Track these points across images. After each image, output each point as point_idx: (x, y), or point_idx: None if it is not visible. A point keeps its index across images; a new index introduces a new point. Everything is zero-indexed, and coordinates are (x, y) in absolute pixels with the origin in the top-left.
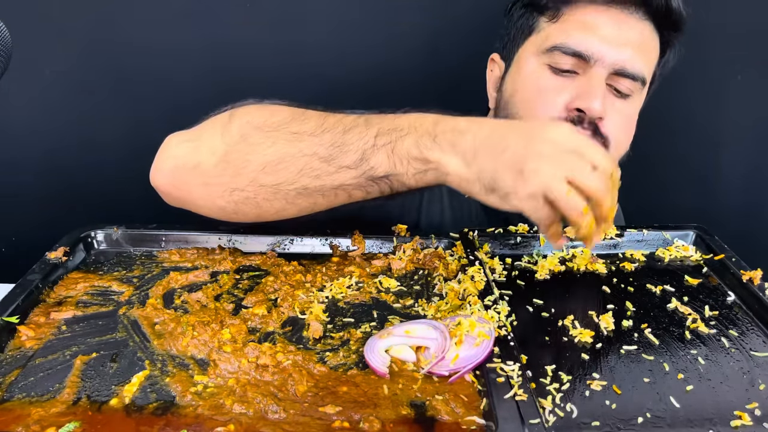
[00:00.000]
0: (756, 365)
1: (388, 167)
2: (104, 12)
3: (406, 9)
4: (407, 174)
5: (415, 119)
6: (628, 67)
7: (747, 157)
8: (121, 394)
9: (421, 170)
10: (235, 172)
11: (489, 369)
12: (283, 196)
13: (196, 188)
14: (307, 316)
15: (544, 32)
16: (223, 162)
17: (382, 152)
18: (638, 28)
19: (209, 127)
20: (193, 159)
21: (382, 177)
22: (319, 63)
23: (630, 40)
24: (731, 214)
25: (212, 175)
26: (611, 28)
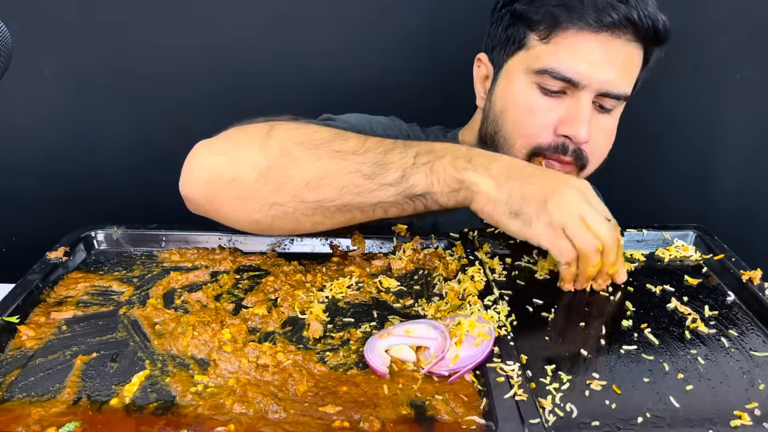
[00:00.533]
0: (756, 365)
1: (426, 186)
2: (104, 12)
3: (406, 10)
4: (442, 192)
5: (450, 145)
6: (612, 89)
7: (747, 156)
8: (122, 394)
9: (455, 189)
10: (277, 187)
11: (489, 369)
12: (323, 211)
13: (230, 201)
14: (307, 316)
15: (534, 51)
16: (264, 177)
17: (421, 171)
18: (625, 49)
19: (245, 140)
20: (231, 172)
21: (419, 195)
22: (319, 63)
23: (616, 63)
24: (731, 214)
25: (251, 189)
26: (599, 53)
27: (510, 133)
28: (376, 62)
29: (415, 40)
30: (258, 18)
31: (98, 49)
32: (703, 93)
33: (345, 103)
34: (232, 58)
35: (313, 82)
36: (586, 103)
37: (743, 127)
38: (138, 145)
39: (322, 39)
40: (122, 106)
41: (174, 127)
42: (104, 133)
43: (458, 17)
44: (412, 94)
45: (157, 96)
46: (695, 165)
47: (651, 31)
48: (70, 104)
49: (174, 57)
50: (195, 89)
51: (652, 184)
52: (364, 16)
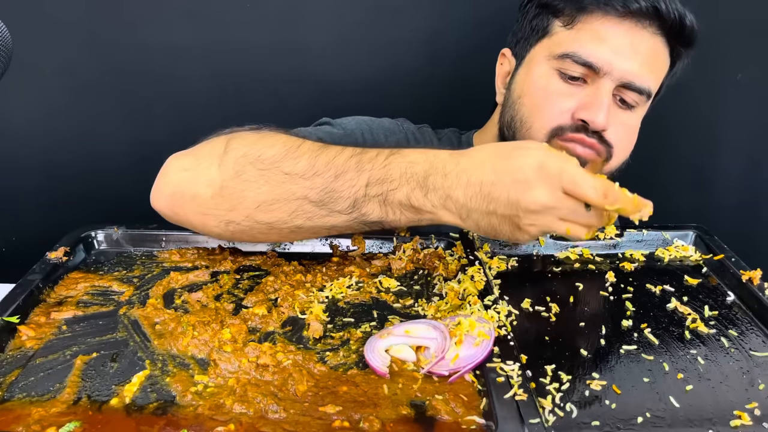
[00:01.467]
0: (756, 365)
1: (381, 215)
2: (104, 12)
3: (406, 11)
4: (400, 221)
5: (405, 167)
6: (636, 80)
7: (747, 156)
8: (122, 393)
9: (416, 219)
10: (231, 206)
11: (489, 369)
12: (277, 231)
13: (193, 216)
14: (307, 316)
15: (557, 37)
16: (219, 196)
17: (374, 202)
18: (650, 42)
19: (207, 155)
20: (191, 189)
21: (375, 222)
22: (319, 63)
23: (640, 54)
24: (731, 214)
25: (209, 206)
26: (623, 41)
27: (527, 115)
28: (376, 62)
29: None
30: (258, 18)
31: (98, 49)
32: (703, 93)
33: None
34: (232, 58)
35: (313, 83)
36: (606, 90)
37: (743, 127)
38: (138, 145)
39: (323, 39)
40: (122, 107)
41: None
42: (104, 134)
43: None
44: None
45: (157, 96)
46: (695, 165)
47: (677, 25)
48: (70, 104)
49: (174, 57)
50: (195, 89)
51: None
52: (365, 16)
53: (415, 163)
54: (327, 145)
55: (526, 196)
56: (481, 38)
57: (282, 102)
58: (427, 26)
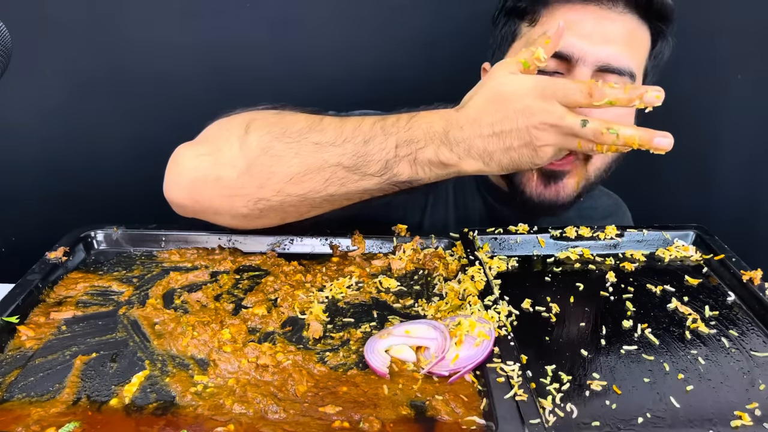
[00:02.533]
0: (756, 365)
1: (411, 174)
2: (104, 12)
3: (405, 10)
4: (429, 177)
5: (427, 127)
6: (612, 62)
7: (747, 156)
8: (121, 394)
9: (444, 173)
10: (261, 183)
11: (489, 369)
12: (310, 202)
13: (218, 200)
14: (307, 316)
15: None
16: (247, 175)
17: (405, 162)
18: (620, 21)
19: (225, 138)
20: (213, 173)
21: (405, 181)
22: (319, 63)
23: (612, 36)
24: (731, 214)
25: (236, 187)
26: (590, 25)
27: None
28: (376, 61)
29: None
30: (258, 17)
31: (98, 48)
32: (703, 93)
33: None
34: (232, 58)
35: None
36: (583, 77)
37: (744, 126)
38: (138, 145)
39: (323, 39)
40: (122, 106)
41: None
42: (104, 134)
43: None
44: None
45: (157, 96)
46: (695, 165)
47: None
48: (69, 104)
49: (174, 57)
50: (195, 89)
51: (652, 184)
52: (364, 16)
53: (433, 123)
54: (347, 117)
55: (533, 120)
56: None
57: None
58: (427, 26)
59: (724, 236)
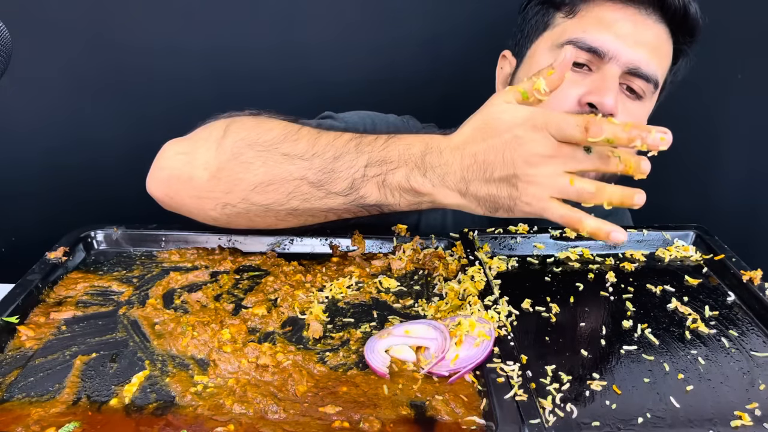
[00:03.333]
0: (756, 365)
1: (379, 197)
2: (104, 12)
3: (407, 11)
4: (400, 204)
5: (403, 149)
6: (642, 67)
7: (747, 156)
8: (121, 394)
9: (415, 201)
10: (227, 189)
11: (489, 369)
12: (274, 214)
13: (188, 199)
14: (307, 316)
15: (560, 27)
16: (215, 178)
17: (372, 183)
18: (654, 30)
19: (204, 139)
20: (187, 172)
21: (373, 205)
22: (320, 65)
23: (645, 41)
24: (731, 214)
25: (205, 189)
26: (627, 27)
27: None
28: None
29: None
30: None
31: (98, 48)
32: (703, 93)
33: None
34: (232, 59)
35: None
36: (613, 74)
37: (744, 126)
38: (138, 145)
39: (323, 41)
40: (122, 107)
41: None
42: (104, 134)
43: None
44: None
45: (157, 96)
46: (695, 165)
47: (680, 13)
48: (70, 105)
49: (174, 56)
50: (194, 90)
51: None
52: (365, 18)
53: (411, 145)
54: (326, 130)
55: (521, 151)
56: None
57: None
58: (427, 25)
59: (725, 236)
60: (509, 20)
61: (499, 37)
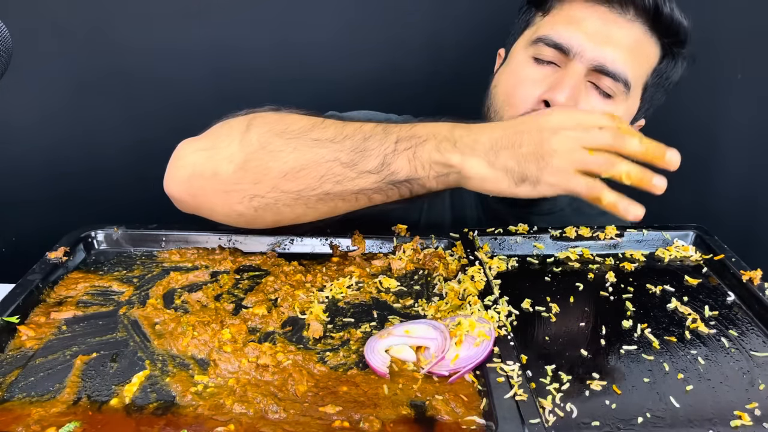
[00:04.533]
0: (756, 365)
1: (409, 171)
2: (104, 12)
3: (408, 10)
4: (428, 177)
5: (432, 127)
6: (608, 65)
7: (747, 156)
8: (122, 394)
9: (443, 173)
10: (255, 179)
11: (489, 369)
12: (304, 201)
13: (214, 195)
14: (307, 316)
15: (536, 25)
16: (242, 170)
17: (403, 157)
18: (627, 28)
19: (226, 134)
20: (210, 167)
21: (403, 181)
22: (320, 63)
23: (615, 40)
24: (731, 214)
25: (231, 182)
26: (596, 24)
27: (500, 105)
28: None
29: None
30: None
31: (98, 49)
32: (703, 93)
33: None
34: (234, 59)
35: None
36: (574, 71)
37: (744, 126)
38: (138, 145)
39: (324, 39)
40: (122, 107)
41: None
42: (104, 134)
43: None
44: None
45: (157, 96)
46: (695, 165)
47: (651, 9)
48: (69, 105)
49: (175, 57)
50: (195, 89)
51: None
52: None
53: (439, 126)
54: (349, 121)
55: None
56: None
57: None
58: (427, 25)
59: (724, 236)
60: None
61: (498, 36)
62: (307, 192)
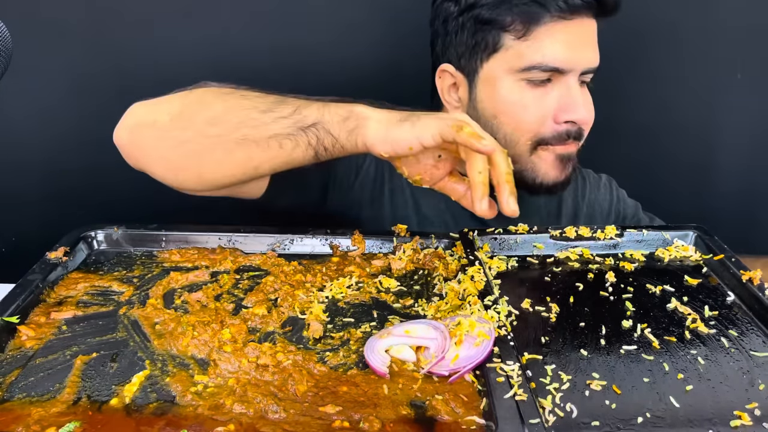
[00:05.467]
0: (756, 365)
1: (317, 116)
2: (104, 12)
3: (406, 9)
4: (332, 121)
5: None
6: (591, 65)
7: (747, 156)
8: (122, 393)
9: (345, 117)
10: (185, 126)
11: (489, 369)
12: (223, 146)
13: (151, 141)
14: (307, 316)
15: (514, 50)
16: (176, 118)
17: (314, 106)
18: (589, 25)
19: (170, 95)
20: (151, 117)
21: (311, 125)
22: (319, 62)
23: (589, 41)
24: (731, 214)
25: (165, 129)
26: (576, 37)
27: (512, 132)
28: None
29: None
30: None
31: (98, 48)
32: (703, 93)
33: None
34: (233, 58)
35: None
36: (575, 86)
37: (744, 126)
38: None
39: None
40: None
41: None
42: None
43: None
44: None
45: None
46: (695, 165)
47: (615, 8)
48: (69, 104)
49: (174, 56)
50: None
51: (653, 184)
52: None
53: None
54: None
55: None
56: None
57: None
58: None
59: (724, 236)
60: None
61: None
62: (225, 136)
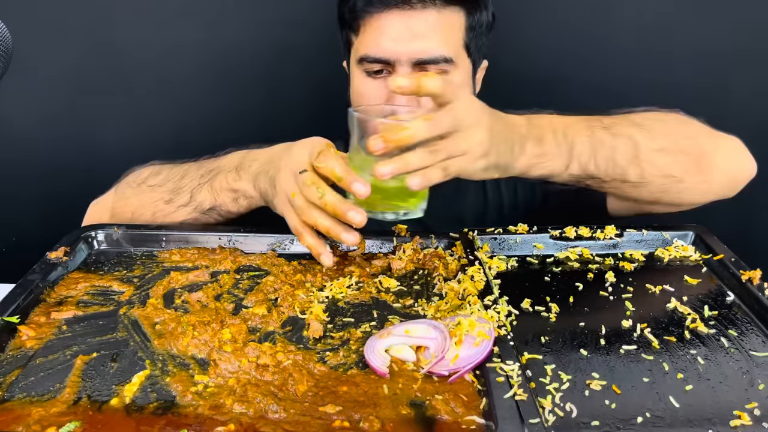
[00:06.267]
0: (755, 365)
1: (212, 201)
2: (104, 12)
3: None
4: (225, 203)
5: (231, 157)
6: (423, 56)
7: None
8: (122, 393)
9: (234, 198)
10: (120, 219)
11: (489, 369)
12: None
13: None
14: (307, 315)
15: (354, 45)
16: (113, 216)
17: (205, 189)
18: (423, 15)
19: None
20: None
21: (209, 209)
22: (319, 62)
23: (420, 32)
24: (731, 214)
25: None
26: (399, 29)
27: None
28: None
29: None
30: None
31: (98, 49)
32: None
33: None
34: (233, 58)
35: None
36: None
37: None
38: (138, 144)
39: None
40: (122, 106)
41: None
42: (104, 133)
43: None
44: None
45: (157, 96)
46: None
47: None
48: (70, 105)
49: (174, 56)
50: (194, 89)
51: None
52: None
53: (237, 153)
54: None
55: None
56: None
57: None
58: None
59: (724, 236)
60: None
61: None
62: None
